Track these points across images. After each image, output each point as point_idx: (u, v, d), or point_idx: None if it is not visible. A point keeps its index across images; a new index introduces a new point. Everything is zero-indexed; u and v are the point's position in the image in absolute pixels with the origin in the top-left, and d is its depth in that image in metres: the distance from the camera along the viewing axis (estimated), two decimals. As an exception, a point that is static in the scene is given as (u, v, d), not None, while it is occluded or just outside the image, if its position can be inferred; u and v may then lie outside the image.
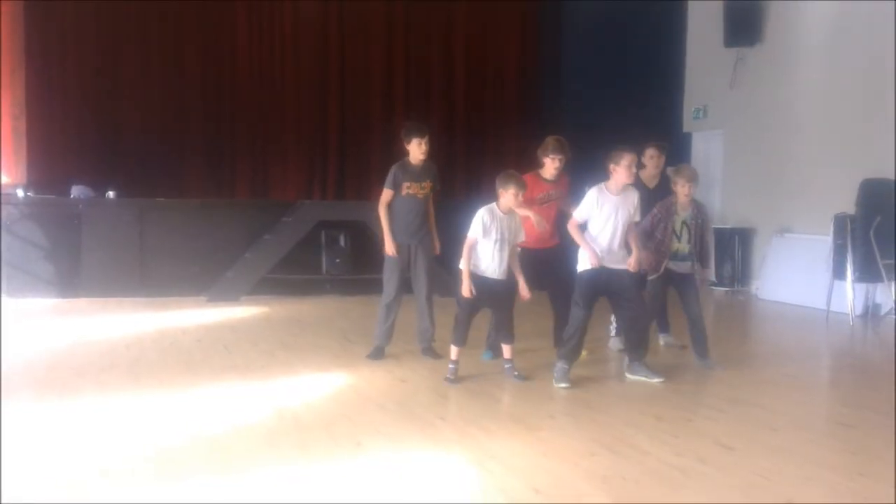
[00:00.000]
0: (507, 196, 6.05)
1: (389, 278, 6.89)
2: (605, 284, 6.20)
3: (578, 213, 6.25)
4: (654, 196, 7.18)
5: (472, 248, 6.10)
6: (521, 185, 6.10)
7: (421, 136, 6.86)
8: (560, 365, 6.10)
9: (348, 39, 12.87)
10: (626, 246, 6.29)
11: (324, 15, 12.73)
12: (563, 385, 6.00)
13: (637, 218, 6.31)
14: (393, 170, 6.90)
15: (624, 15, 13.11)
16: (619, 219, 6.18)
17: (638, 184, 7.25)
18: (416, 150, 6.86)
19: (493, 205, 6.13)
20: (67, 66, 11.62)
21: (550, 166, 6.81)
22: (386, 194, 6.88)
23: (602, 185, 6.27)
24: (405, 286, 6.95)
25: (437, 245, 7.01)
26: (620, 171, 6.19)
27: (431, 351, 6.94)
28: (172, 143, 12.00)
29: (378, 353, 6.93)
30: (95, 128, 11.63)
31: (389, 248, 6.79)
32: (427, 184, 6.90)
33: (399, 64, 13.12)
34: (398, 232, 6.86)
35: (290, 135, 12.62)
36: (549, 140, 6.88)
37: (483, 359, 6.79)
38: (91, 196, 10.67)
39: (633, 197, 6.29)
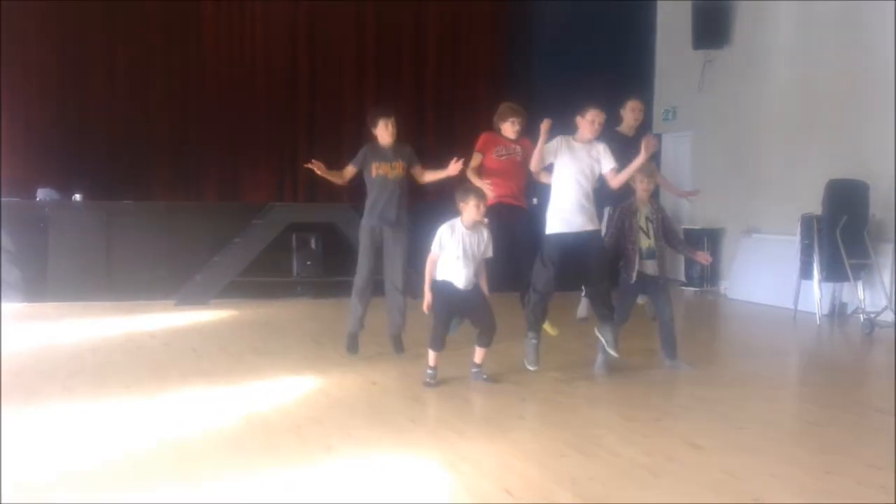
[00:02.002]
0: (469, 209, 5.98)
1: (361, 262, 6.85)
2: (572, 248, 6.14)
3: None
4: (632, 145, 7.01)
5: (434, 263, 6.05)
6: (481, 196, 6.06)
7: (386, 117, 6.79)
8: (530, 338, 6.10)
9: (318, 39, 12.79)
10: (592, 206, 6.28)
11: (293, 15, 12.65)
12: (532, 368, 6.03)
13: (606, 168, 6.24)
14: (363, 149, 6.86)
15: (593, 17, 13.16)
16: (584, 173, 6.17)
17: (616, 135, 7.38)
18: (384, 133, 6.79)
19: (457, 220, 6.06)
20: (31, 68, 11.44)
21: (509, 130, 6.92)
22: (348, 170, 6.91)
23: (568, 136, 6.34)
24: (376, 271, 6.87)
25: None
26: (584, 124, 6.33)
27: (398, 341, 6.87)
28: (139, 144, 11.85)
29: (352, 341, 6.88)
30: (61, 130, 11.46)
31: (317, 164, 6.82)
32: (398, 164, 6.78)
33: (369, 64, 13.07)
34: (368, 214, 6.82)
35: (259, 136, 12.51)
36: (503, 106, 7.01)
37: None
38: (57, 199, 10.54)
39: (598, 147, 6.31)
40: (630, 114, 7.53)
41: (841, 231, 9.32)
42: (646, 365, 6.90)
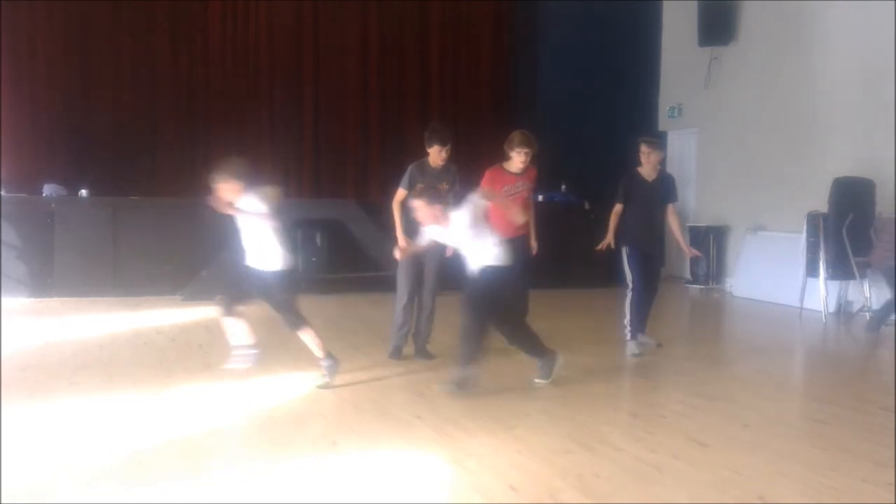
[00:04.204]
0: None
1: (402, 278, 6.70)
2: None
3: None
4: (654, 189, 7.27)
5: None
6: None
7: (442, 144, 6.64)
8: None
9: (322, 37, 12.83)
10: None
11: (298, 14, 12.68)
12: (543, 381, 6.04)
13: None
14: (409, 169, 6.72)
15: (599, 15, 13.17)
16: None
17: (638, 177, 7.34)
18: (436, 157, 6.67)
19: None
20: (38, 64, 11.48)
21: (517, 160, 6.84)
22: (399, 193, 6.70)
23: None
24: (419, 285, 6.73)
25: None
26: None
27: (425, 352, 6.76)
28: (146, 141, 11.90)
29: (398, 352, 6.77)
30: (68, 125, 11.50)
31: (399, 247, 6.54)
32: (443, 186, 6.61)
33: (373, 62, 13.10)
34: (410, 231, 6.59)
35: (264, 133, 12.55)
36: (515, 134, 6.90)
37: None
38: (64, 194, 10.56)
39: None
40: (643, 157, 7.35)
41: (847, 229, 9.31)
42: (651, 363, 6.90)
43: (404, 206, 6.65)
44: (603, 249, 7.23)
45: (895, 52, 9.59)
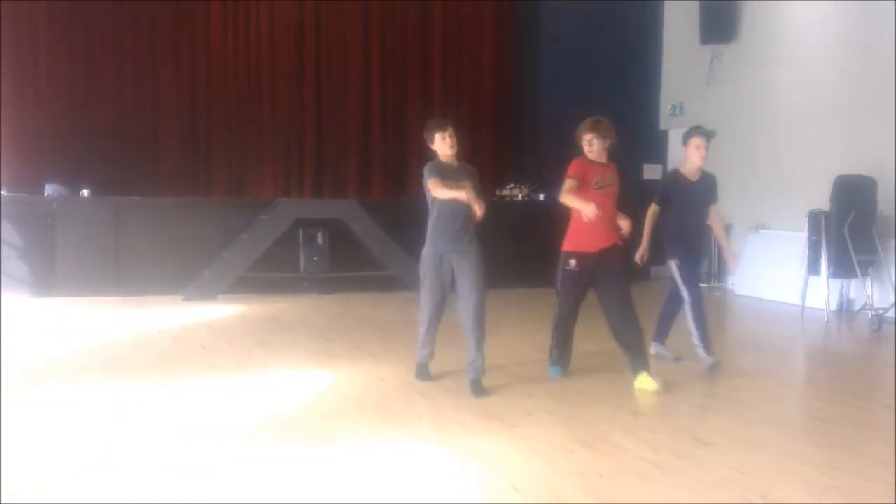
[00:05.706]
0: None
1: (427, 296, 5.97)
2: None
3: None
4: (698, 193, 6.72)
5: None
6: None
7: (442, 129, 5.92)
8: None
9: (324, 37, 12.82)
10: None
11: (300, 13, 12.67)
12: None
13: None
14: (426, 168, 5.90)
15: (600, 13, 13.17)
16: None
17: (681, 178, 6.76)
18: (442, 146, 5.92)
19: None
20: (40, 63, 11.48)
21: (587, 150, 6.16)
22: (433, 184, 5.80)
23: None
24: (444, 298, 6.01)
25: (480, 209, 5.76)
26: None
27: (479, 387, 5.83)
28: (148, 140, 11.89)
29: (423, 371, 6.20)
30: (69, 125, 11.49)
31: (456, 194, 5.74)
32: (466, 184, 5.86)
33: (375, 62, 13.09)
34: (434, 242, 5.95)
35: (266, 133, 12.55)
36: (585, 121, 6.21)
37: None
38: (65, 194, 10.56)
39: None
40: (695, 152, 6.67)
41: (849, 227, 9.31)
42: (653, 362, 6.88)
43: (430, 213, 5.97)
44: (644, 259, 6.65)
45: (895, 50, 9.60)
